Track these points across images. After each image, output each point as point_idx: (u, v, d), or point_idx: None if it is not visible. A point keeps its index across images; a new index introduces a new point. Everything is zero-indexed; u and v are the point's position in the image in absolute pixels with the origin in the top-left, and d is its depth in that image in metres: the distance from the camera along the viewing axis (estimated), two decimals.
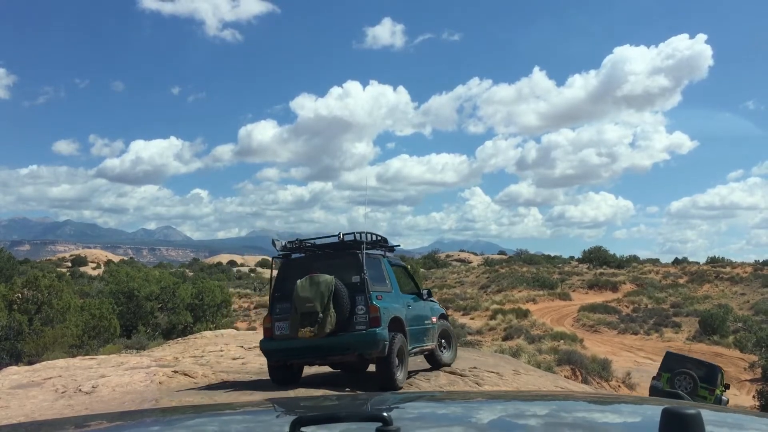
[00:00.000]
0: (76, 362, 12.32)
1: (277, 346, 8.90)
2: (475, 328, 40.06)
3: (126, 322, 23.22)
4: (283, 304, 8.96)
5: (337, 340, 8.62)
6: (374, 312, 8.59)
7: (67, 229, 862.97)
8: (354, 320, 8.63)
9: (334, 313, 8.54)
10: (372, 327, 8.55)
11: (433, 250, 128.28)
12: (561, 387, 10.46)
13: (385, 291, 9.23)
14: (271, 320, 9.08)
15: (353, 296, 8.70)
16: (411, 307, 9.78)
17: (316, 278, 8.65)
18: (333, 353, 8.81)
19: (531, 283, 65.50)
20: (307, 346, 8.64)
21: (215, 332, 17.78)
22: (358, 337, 8.57)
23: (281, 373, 9.16)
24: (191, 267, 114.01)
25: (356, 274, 8.83)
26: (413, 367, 9.70)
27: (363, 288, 8.69)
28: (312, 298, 8.51)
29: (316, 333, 8.50)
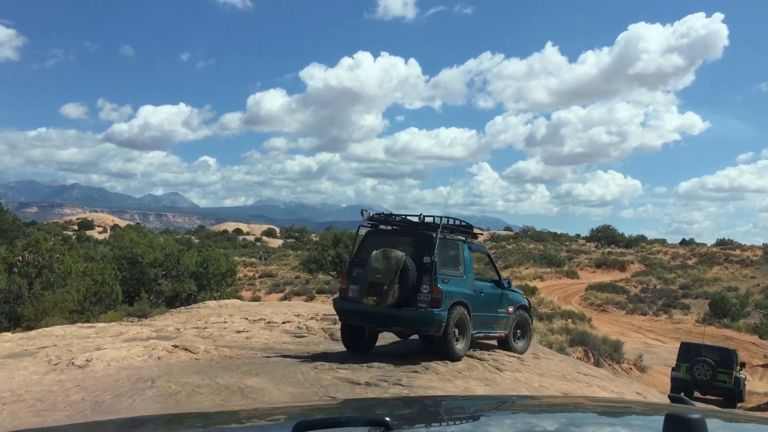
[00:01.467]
0: (73, 330, 11.81)
1: (347, 307, 9.59)
2: None
3: (129, 288, 22.77)
4: (359, 270, 9.57)
5: (398, 313, 9.16)
6: (436, 293, 9.06)
7: (74, 192, 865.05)
8: (417, 298, 9.12)
9: (398, 288, 9.05)
10: (432, 307, 9.02)
11: None
12: (582, 373, 9.90)
13: (455, 275, 9.65)
14: (347, 282, 9.78)
15: (421, 275, 9.17)
16: (483, 294, 10.14)
17: (389, 253, 9.20)
18: (393, 324, 9.47)
19: (538, 260, 65.21)
20: (372, 313, 9.25)
21: (219, 302, 17.28)
22: (417, 314, 9.07)
23: (352, 337, 9.92)
24: (197, 234, 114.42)
25: (428, 255, 9.27)
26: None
27: (431, 269, 9.15)
28: (381, 270, 9.09)
29: (377, 303, 9.10)
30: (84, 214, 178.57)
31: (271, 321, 13.36)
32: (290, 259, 67.75)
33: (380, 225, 10.11)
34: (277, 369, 7.86)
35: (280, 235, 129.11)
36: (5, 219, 41.63)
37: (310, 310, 14.76)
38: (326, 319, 13.22)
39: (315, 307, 15.61)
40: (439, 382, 7.52)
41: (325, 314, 13.82)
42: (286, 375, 7.46)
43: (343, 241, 50.23)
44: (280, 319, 13.49)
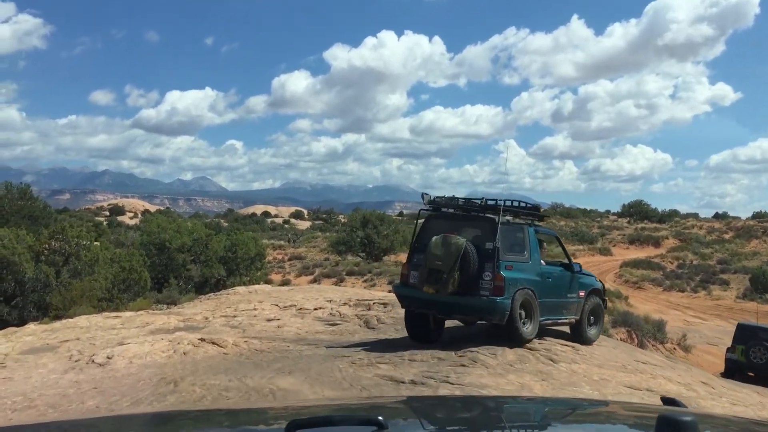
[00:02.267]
0: (99, 321, 11.36)
1: (407, 293, 9.36)
2: None
3: (157, 274, 22.41)
4: (419, 255, 9.30)
5: (459, 301, 8.90)
6: (499, 281, 8.72)
7: (105, 178, 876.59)
8: (480, 285, 8.80)
9: (458, 275, 8.74)
10: (494, 295, 8.70)
11: None
12: (640, 361, 9.16)
13: (520, 261, 9.26)
14: (408, 268, 9.54)
15: (483, 262, 8.84)
16: (551, 279, 9.71)
17: (449, 239, 8.88)
18: (455, 312, 9.23)
19: (570, 237, 64.03)
20: (433, 300, 8.98)
21: (249, 288, 16.80)
22: (479, 302, 8.80)
23: (416, 326, 9.53)
24: (226, 217, 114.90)
25: (490, 240, 8.92)
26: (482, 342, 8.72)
27: (493, 255, 8.81)
28: (441, 256, 8.79)
29: (437, 290, 8.81)
30: (115, 199, 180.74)
31: (302, 308, 12.81)
32: (319, 241, 67.38)
33: (441, 209, 9.76)
34: (311, 365, 7.25)
35: (308, 217, 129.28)
36: (35, 206, 41.58)
37: (342, 295, 14.17)
38: (359, 305, 12.63)
39: (347, 291, 15.02)
40: (491, 377, 6.85)
41: (359, 299, 13.23)
42: (322, 373, 6.84)
43: (371, 221, 49.69)
44: (312, 306, 12.93)
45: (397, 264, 45.84)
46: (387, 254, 49.55)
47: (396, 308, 11.75)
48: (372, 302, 12.61)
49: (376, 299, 13.10)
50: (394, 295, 13.67)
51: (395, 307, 11.93)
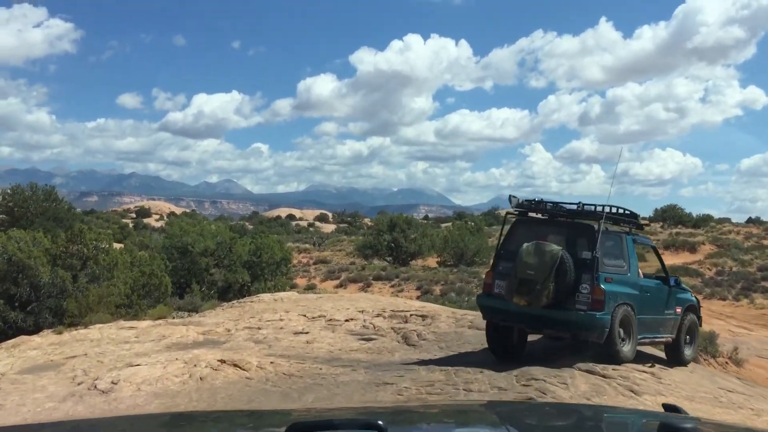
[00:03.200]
0: (112, 332, 10.43)
1: (493, 304, 8.63)
2: None
3: (179, 279, 21.54)
4: (506, 263, 8.58)
5: (552, 315, 8.14)
6: (598, 295, 7.96)
7: (132, 181, 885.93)
8: (576, 299, 8.05)
9: (553, 287, 8.00)
10: (592, 310, 7.95)
11: (493, 207, 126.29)
12: (725, 389, 8.04)
13: (619, 273, 8.47)
14: (493, 276, 8.81)
15: (580, 273, 8.08)
16: (649, 294, 8.87)
17: (543, 246, 8.15)
18: (546, 326, 8.46)
19: None
20: (522, 313, 8.26)
21: (274, 295, 15.79)
22: (575, 317, 8.05)
23: (499, 340, 8.79)
24: (251, 220, 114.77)
25: (588, 250, 8.20)
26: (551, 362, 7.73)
27: (592, 266, 8.06)
28: (534, 266, 8.06)
29: (529, 303, 8.09)
30: (141, 202, 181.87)
31: (332, 318, 11.77)
32: (344, 245, 66.37)
33: (530, 213, 9.04)
34: (352, 395, 6.18)
35: (333, 220, 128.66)
36: (60, 208, 41.13)
37: (374, 305, 13.10)
38: (395, 317, 11.55)
39: (379, 300, 13.94)
40: None
41: (393, 310, 12.15)
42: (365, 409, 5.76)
43: (399, 225, 48.60)
44: (342, 317, 11.88)
45: (425, 269, 44.80)
46: (414, 259, 48.44)
47: (437, 322, 10.67)
48: (409, 314, 11.54)
49: (413, 310, 12.02)
50: (431, 306, 12.56)
51: (435, 320, 10.84)
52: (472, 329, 9.95)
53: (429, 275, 40.75)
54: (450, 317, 10.93)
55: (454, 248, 46.42)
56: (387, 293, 38.95)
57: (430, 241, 48.63)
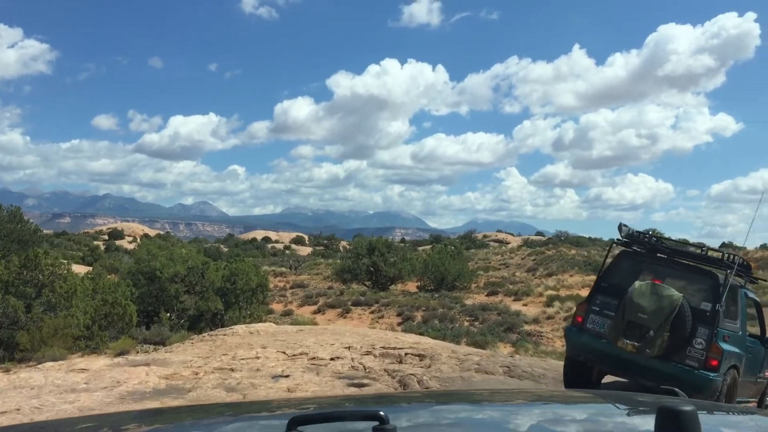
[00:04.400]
0: (59, 376, 8.91)
1: (587, 342, 7.82)
2: (531, 316, 36.15)
3: (147, 307, 19.96)
4: (606, 298, 7.85)
5: (658, 366, 7.37)
6: (715, 353, 7.22)
7: (106, 202, 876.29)
8: (687, 353, 7.32)
9: (667, 336, 7.24)
10: (706, 369, 7.21)
11: (469, 230, 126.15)
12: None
13: (733, 331, 7.72)
14: (587, 309, 7.99)
15: (696, 325, 7.33)
16: (751, 356, 8.17)
17: (661, 289, 7.37)
18: (647, 377, 7.53)
19: (583, 267, 61.60)
20: (621, 358, 7.49)
21: (249, 327, 14.33)
22: (684, 374, 7.23)
23: (578, 379, 8.09)
24: (226, 242, 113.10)
25: (708, 300, 7.42)
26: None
27: (712, 320, 7.31)
28: (648, 309, 7.28)
29: (638, 351, 7.31)
30: (115, 223, 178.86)
31: (315, 357, 10.37)
32: (321, 268, 64.89)
33: (641, 247, 8.23)
34: None
35: (309, 242, 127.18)
36: (25, 229, 39.23)
37: (362, 340, 11.71)
38: (387, 356, 10.18)
39: (368, 335, 12.52)
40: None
41: (384, 347, 10.78)
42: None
43: (378, 248, 47.40)
44: (327, 354, 10.49)
45: (405, 294, 43.48)
46: (394, 283, 47.23)
47: (437, 363, 9.31)
48: (403, 352, 10.17)
49: (407, 347, 10.66)
50: (427, 342, 11.22)
51: (435, 360, 9.50)
52: (480, 373, 8.63)
53: (410, 300, 39.43)
54: (451, 357, 9.58)
55: (435, 272, 45.47)
56: (367, 319, 37.48)
57: (410, 265, 47.52)
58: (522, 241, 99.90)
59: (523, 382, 8.26)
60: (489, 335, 29.13)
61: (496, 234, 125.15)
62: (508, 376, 8.54)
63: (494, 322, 32.89)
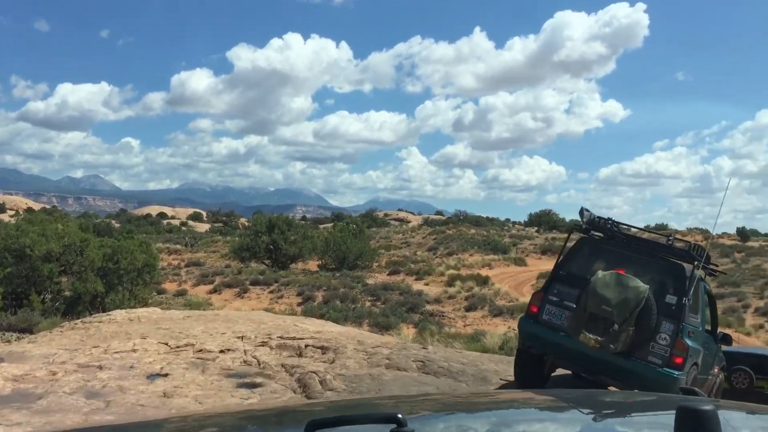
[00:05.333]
0: None
1: (543, 334, 7.33)
2: (433, 296, 35.86)
3: (15, 288, 17.81)
4: (564, 287, 7.39)
5: (620, 363, 6.92)
6: (680, 350, 6.80)
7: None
8: (650, 348, 6.87)
9: (633, 331, 6.77)
10: (669, 367, 6.78)
11: (371, 209, 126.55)
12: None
13: (695, 326, 7.29)
14: (542, 299, 7.50)
15: (659, 319, 6.89)
16: (707, 352, 7.73)
17: (626, 280, 6.91)
18: (605, 374, 7.14)
19: (483, 246, 62.43)
20: (581, 353, 6.99)
21: (130, 313, 12.75)
22: (646, 372, 6.81)
23: (529, 371, 7.65)
24: (118, 218, 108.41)
25: (674, 293, 7.00)
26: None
27: (678, 315, 6.90)
28: (612, 301, 6.81)
29: (601, 345, 6.83)
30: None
31: (202, 349, 9.07)
32: (219, 246, 62.57)
33: (599, 232, 7.73)
34: None
35: (207, 219, 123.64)
36: None
37: (257, 329, 10.45)
38: (285, 347, 8.98)
39: (263, 322, 11.22)
40: None
41: (282, 336, 9.58)
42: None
43: (278, 226, 45.95)
44: (216, 346, 9.21)
45: (305, 273, 42.28)
46: (294, 262, 45.99)
47: (342, 357, 8.22)
48: (303, 343, 9.00)
49: (308, 337, 9.50)
50: (331, 331, 10.14)
51: (339, 354, 8.40)
52: (391, 370, 7.57)
53: (310, 280, 38.37)
54: (358, 350, 8.48)
55: (336, 251, 44.68)
56: (266, 300, 36.05)
57: (310, 244, 46.41)
58: (423, 220, 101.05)
59: (440, 380, 7.28)
60: (392, 316, 28.53)
61: (398, 213, 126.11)
62: (422, 372, 7.54)
63: (396, 302, 32.37)
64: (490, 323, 30.59)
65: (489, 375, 7.75)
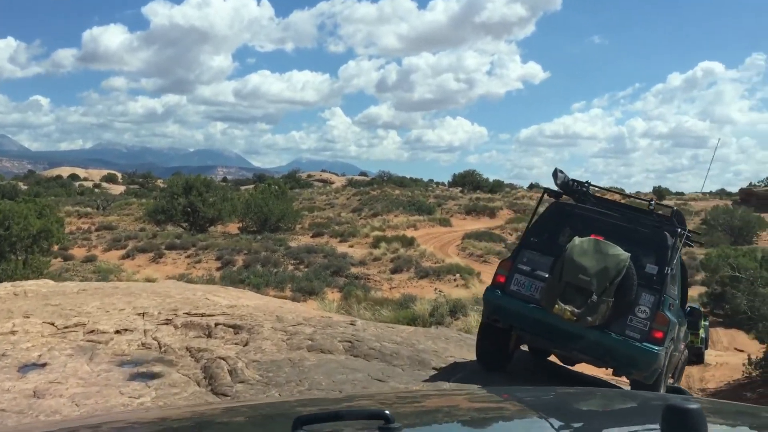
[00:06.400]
0: None
1: (511, 306, 6.74)
2: (358, 258, 35.05)
3: None
4: (535, 256, 6.85)
5: (595, 337, 6.40)
6: (660, 323, 6.36)
7: None
8: (628, 322, 6.39)
9: (611, 302, 6.28)
10: (649, 342, 6.31)
11: (294, 170, 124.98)
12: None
13: (674, 298, 6.91)
14: (511, 268, 6.89)
15: (639, 291, 6.43)
16: (680, 327, 7.33)
17: (605, 247, 6.37)
18: (577, 348, 6.64)
19: (407, 207, 62.13)
20: (554, 326, 6.44)
21: (17, 286, 11.23)
22: (623, 346, 6.35)
23: (492, 346, 7.10)
24: (26, 180, 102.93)
25: (655, 263, 6.53)
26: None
27: (659, 286, 6.44)
28: (591, 270, 6.25)
29: (577, 318, 6.24)
30: None
31: (95, 329, 7.80)
32: (133, 209, 59.89)
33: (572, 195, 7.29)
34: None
35: (123, 181, 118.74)
36: None
37: (161, 303, 9.18)
38: (192, 326, 7.80)
39: (170, 295, 9.89)
40: None
41: (190, 313, 8.38)
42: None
43: (196, 187, 44.05)
44: (112, 325, 7.96)
45: (225, 236, 40.72)
46: (213, 225, 44.33)
47: (257, 338, 7.12)
48: (213, 321, 7.84)
49: (219, 313, 8.34)
50: (246, 305, 9.00)
51: (254, 334, 7.29)
52: (315, 353, 6.51)
53: (230, 243, 36.96)
54: (277, 329, 7.37)
55: (258, 213, 43.40)
56: (183, 264, 34.39)
57: (230, 206, 44.79)
58: (347, 182, 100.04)
59: (372, 363, 6.28)
60: (315, 280, 27.54)
61: (321, 174, 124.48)
62: (350, 355, 6.53)
63: (320, 265, 31.43)
64: (417, 285, 30.09)
65: (427, 357, 6.81)
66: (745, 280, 14.71)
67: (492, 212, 63.89)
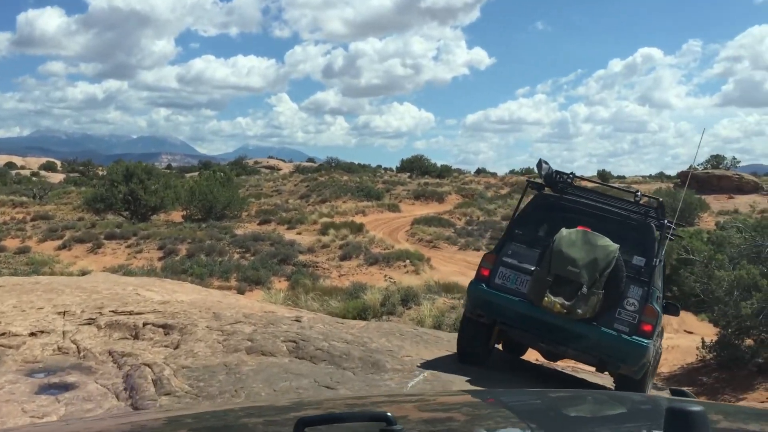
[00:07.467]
0: None
1: (496, 301, 6.47)
2: (306, 245, 34.25)
3: None
4: (521, 248, 6.61)
5: (581, 330, 6.21)
6: (649, 316, 6.19)
7: None
8: (616, 315, 6.21)
9: (601, 295, 6.10)
10: (638, 335, 6.15)
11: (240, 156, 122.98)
12: None
13: (660, 291, 6.82)
14: (496, 261, 6.64)
15: (628, 283, 6.29)
16: (662, 320, 7.24)
17: (594, 238, 6.20)
18: (565, 342, 6.41)
19: (356, 193, 61.55)
20: (541, 320, 6.22)
21: None
22: (613, 340, 6.17)
23: (475, 342, 6.85)
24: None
25: (643, 254, 6.43)
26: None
27: (647, 278, 6.29)
28: (580, 262, 6.09)
29: (568, 310, 6.06)
30: None
31: (6, 332, 6.92)
32: (72, 197, 57.76)
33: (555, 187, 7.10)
34: None
35: (62, 169, 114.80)
36: None
37: (86, 300, 8.29)
38: (117, 326, 6.97)
39: (98, 290, 8.97)
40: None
41: (116, 311, 7.55)
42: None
43: (137, 175, 42.58)
44: (27, 327, 7.09)
45: (168, 225, 39.44)
46: (156, 213, 42.99)
47: (190, 339, 6.36)
48: (141, 320, 7.04)
49: (149, 310, 7.52)
50: (181, 300, 8.21)
51: (186, 334, 6.53)
52: (255, 355, 5.77)
53: (173, 232, 35.73)
54: (212, 328, 6.61)
55: (202, 201, 42.42)
56: (123, 254, 33.04)
57: (174, 193, 43.54)
58: (294, 168, 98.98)
59: (319, 366, 5.60)
60: (262, 269, 26.63)
61: (268, 160, 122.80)
62: (295, 357, 5.82)
63: (267, 253, 30.58)
64: (366, 272, 29.54)
65: (381, 358, 6.16)
66: (699, 262, 14.49)
67: (440, 197, 63.79)
